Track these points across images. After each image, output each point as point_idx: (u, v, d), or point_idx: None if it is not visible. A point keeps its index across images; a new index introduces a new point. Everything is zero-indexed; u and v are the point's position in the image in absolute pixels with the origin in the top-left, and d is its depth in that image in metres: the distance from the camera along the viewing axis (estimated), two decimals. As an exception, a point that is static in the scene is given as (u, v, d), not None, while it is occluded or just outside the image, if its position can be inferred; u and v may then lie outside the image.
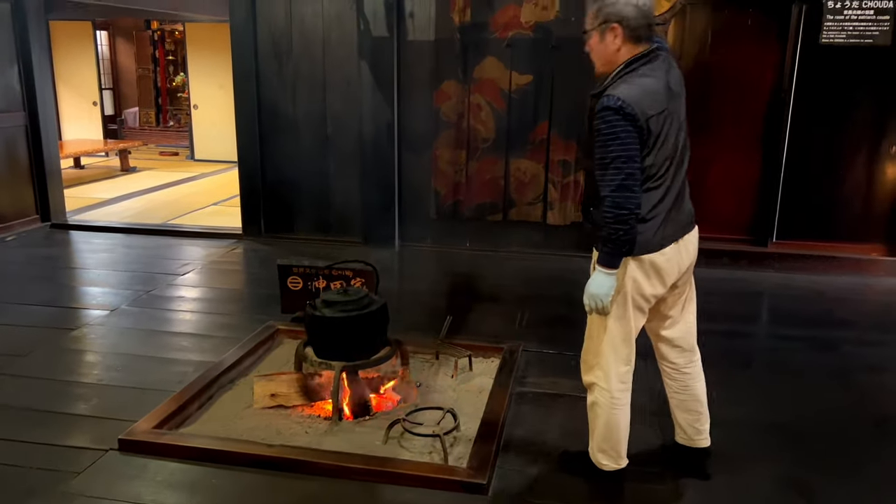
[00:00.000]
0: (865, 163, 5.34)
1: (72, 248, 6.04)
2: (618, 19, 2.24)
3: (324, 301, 3.13)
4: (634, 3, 2.24)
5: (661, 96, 2.25)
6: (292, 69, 5.97)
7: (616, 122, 2.16)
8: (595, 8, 2.29)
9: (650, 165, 2.27)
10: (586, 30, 2.34)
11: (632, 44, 2.27)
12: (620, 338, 2.44)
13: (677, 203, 2.41)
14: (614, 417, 2.50)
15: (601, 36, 2.29)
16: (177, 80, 13.69)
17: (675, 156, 2.33)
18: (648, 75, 2.25)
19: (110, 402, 3.23)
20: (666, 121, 2.25)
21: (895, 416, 3.27)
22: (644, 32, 2.27)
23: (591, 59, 2.38)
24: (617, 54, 2.29)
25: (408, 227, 6.04)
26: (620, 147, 2.18)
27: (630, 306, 2.40)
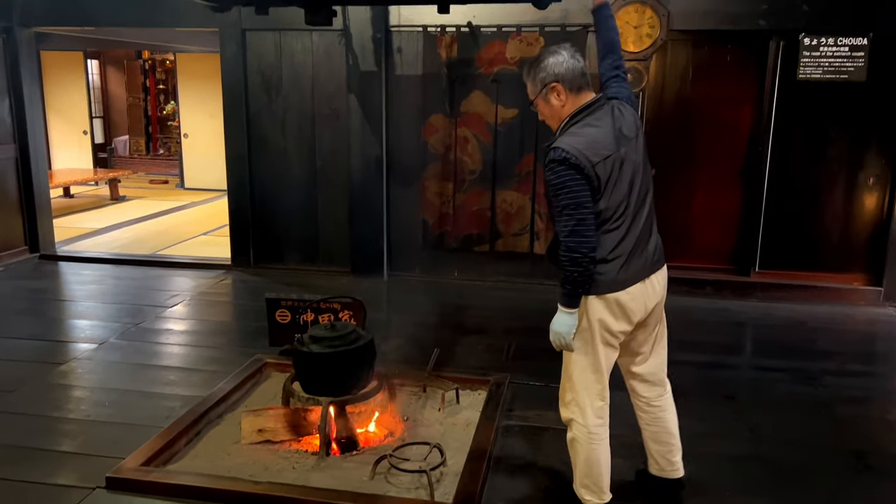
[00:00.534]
0: (844, 194, 5.46)
1: (60, 280, 6.05)
2: (554, 79, 2.38)
3: (311, 336, 3.17)
4: (563, 59, 2.39)
5: (607, 142, 2.34)
6: (282, 102, 6.05)
7: (563, 172, 2.28)
8: (531, 78, 2.46)
9: (605, 209, 2.35)
10: (531, 100, 2.49)
11: (574, 95, 2.40)
12: (592, 374, 2.51)
13: (641, 243, 2.47)
14: (594, 453, 2.55)
15: (545, 99, 2.44)
16: (167, 109, 13.77)
17: (630, 197, 2.40)
18: (592, 125, 2.37)
19: (98, 438, 3.24)
20: (615, 165, 2.34)
21: (876, 448, 3.32)
22: (582, 81, 2.41)
23: (548, 125, 2.52)
24: (563, 110, 2.43)
25: (396, 257, 6.10)
26: (569, 195, 2.28)
27: (598, 343, 2.48)
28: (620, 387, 3.86)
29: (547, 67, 2.39)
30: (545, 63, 2.40)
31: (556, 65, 2.38)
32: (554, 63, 2.38)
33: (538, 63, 2.43)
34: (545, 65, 2.40)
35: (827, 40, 5.16)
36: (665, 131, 5.57)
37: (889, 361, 4.64)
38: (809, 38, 5.18)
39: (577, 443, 2.56)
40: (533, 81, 2.45)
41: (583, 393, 2.52)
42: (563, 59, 2.38)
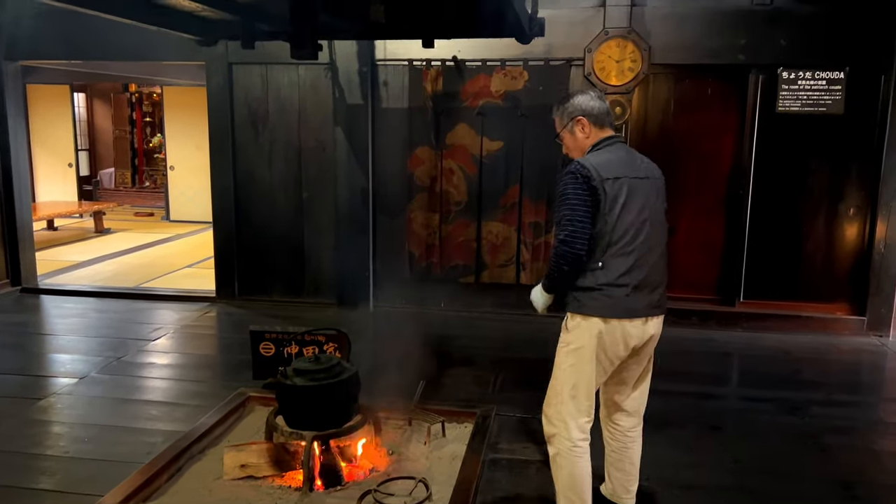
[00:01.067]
0: (825, 225, 5.53)
1: (42, 314, 5.98)
2: (581, 113, 2.61)
3: (295, 369, 3.14)
4: (589, 98, 2.63)
5: (620, 166, 2.52)
6: (268, 134, 6.07)
7: (570, 184, 2.47)
8: (559, 113, 2.68)
9: (613, 230, 2.46)
10: (558, 133, 2.71)
11: (598, 130, 2.63)
12: (582, 390, 2.57)
13: (650, 282, 2.57)
14: (577, 467, 2.58)
15: (571, 132, 2.66)
16: (154, 141, 13.78)
17: (642, 229, 2.51)
18: (610, 151, 2.59)
19: (76, 475, 3.17)
20: (623, 187, 2.48)
21: (863, 478, 3.31)
22: (606, 118, 2.64)
23: (571, 156, 2.68)
24: (587, 141, 2.64)
25: (382, 288, 6.08)
26: (569, 209, 2.46)
27: (594, 363, 2.54)
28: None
29: (575, 103, 2.63)
30: (574, 100, 2.64)
31: (583, 101, 2.62)
32: (582, 100, 2.62)
33: (567, 99, 2.66)
34: (574, 101, 2.63)
35: (805, 74, 5.27)
36: (648, 163, 5.62)
37: (874, 391, 4.65)
38: (787, 72, 5.29)
39: (560, 457, 2.60)
40: (561, 116, 2.67)
41: (571, 408, 2.57)
42: (590, 97, 2.63)
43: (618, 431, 2.81)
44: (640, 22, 5.35)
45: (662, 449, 3.55)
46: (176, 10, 3.42)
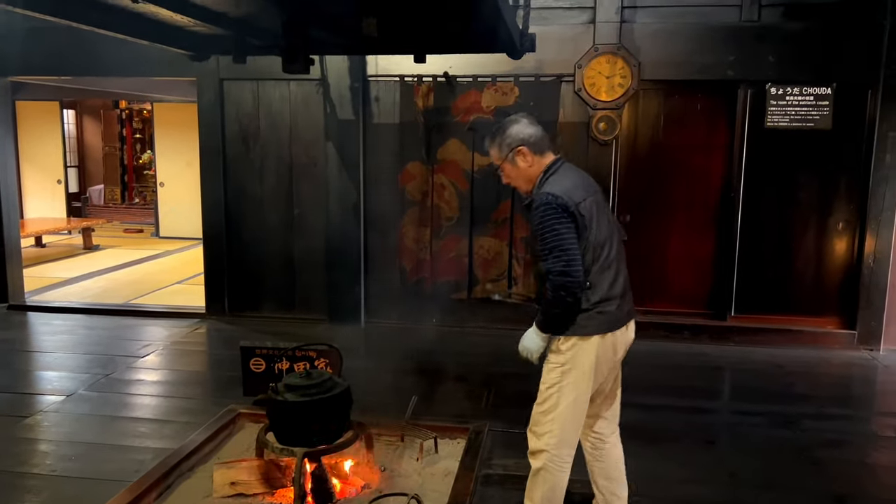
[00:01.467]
0: (815, 239, 5.56)
1: (29, 331, 5.91)
2: (520, 142, 2.57)
3: (286, 385, 3.10)
4: (525, 125, 2.60)
5: (581, 186, 2.57)
6: (259, 150, 6.07)
7: (550, 215, 2.44)
8: (496, 145, 2.63)
9: (596, 246, 2.52)
10: (498, 165, 2.66)
11: (539, 157, 2.60)
12: (580, 406, 2.61)
13: (628, 289, 2.66)
14: (561, 481, 2.62)
15: (512, 163, 2.61)
16: (143, 158, 13.74)
17: (612, 240, 2.58)
18: (567, 175, 2.60)
19: (62, 494, 3.12)
20: (593, 206, 2.54)
21: (857, 491, 3.31)
22: (544, 144, 2.62)
23: (514, 186, 2.69)
24: (531, 170, 2.61)
25: (373, 304, 6.06)
26: (556, 237, 2.44)
27: (593, 379, 2.59)
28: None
29: (512, 133, 2.58)
30: (510, 130, 2.59)
31: (520, 130, 2.58)
32: (518, 129, 2.58)
33: (502, 130, 2.61)
34: (510, 131, 2.59)
35: (793, 90, 5.32)
36: (638, 178, 5.66)
37: (866, 405, 4.65)
38: (776, 88, 5.34)
39: (545, 472, 2.62)
40: (499, 148, 2.62)
41: (566, 424, 2.59)
42: (525, 124, 2.60)
43: (599, 440, 2.85)
44: (629, 38, 5.40)
45: (656, 463, 3.53)
46: (168, 25, 3.43)
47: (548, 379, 2.63)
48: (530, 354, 2.64)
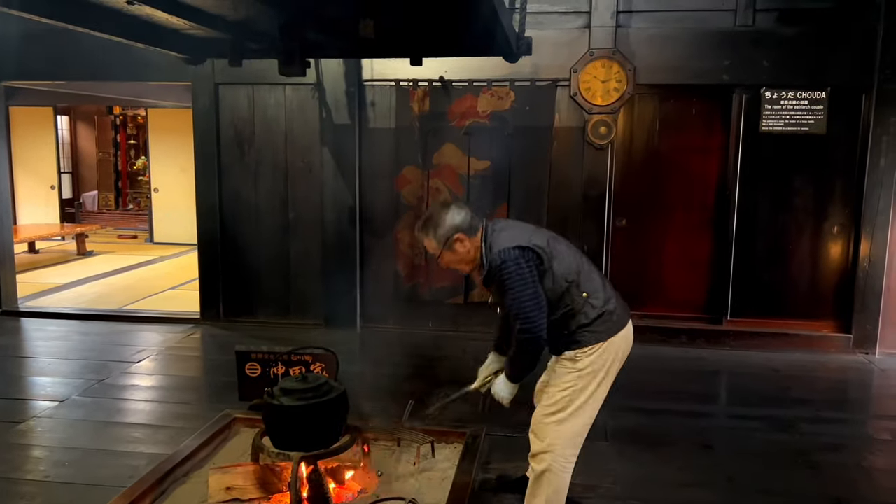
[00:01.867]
0: (810, 243, 5.57)
1: (22, 337, 5.87)
2: (455, 231, 2.61)
3: (282, 389, 3.08)
4: (454, 212, 2.62)
5: (525, 229, 2.69)
6: (255, 155, 6.05)
7: (510, 270, 2.51)
8: (431, 238, 2.65)
9: (569, 263, 2.62)
10: (437, 255, 2.68)
11: (474, 237, 2.64)
12: (591, 409, 2.68)
13: (615, 291, 2.78)
14: (564, 482, 2.67)
15: (451, 250, 2.65)
16: (138, 164, 13.69)
17: (577, 253, 2.72)
18: (505, 228, 2.67)
19: (56, 500, 3.09)
20: (546, 235, 2.66)
21: (856, 495, 3.30)
22: (474, 222, 2.65)
23: (453, 268, 2.74)
24: (470, 254, 2.66)
25: (370, 309, 6.04)
26: (525, 287, 2.51)
27: (607, 382, 2.69)
28: (598, 436, 3.83)
29: (445, 224, 2.61)
30: (442, 221, 2.61)
31: (452, 219, 2.61)
32: (450, 219, 2.61)
33: (434, 224, 2.63)
34: (443, 223, 2.61)
35: (787, 94, 5.34)
36: (634, 182, 5.66)
37: (862, 408, 4.66)
38: (770, 92, 5.36)
39: (551, 473, 2.64)
40: (436, 240, 2.64)
41: (575, 426, 2.64)
42: (454, 211, 2.62)
43: None
44: (624, 43, 5.41)
45: (654, 468, 3.52)
46: (163, 28, 3.41)
47: (562, 383, 2.67)
48: (502, 400, 2.79)
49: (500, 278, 2.53)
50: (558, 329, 2.64)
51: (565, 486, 2.67)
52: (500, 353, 3.01)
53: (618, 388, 2.79)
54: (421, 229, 2.68)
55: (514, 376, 2.73)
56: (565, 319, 2.63)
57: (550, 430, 2.63)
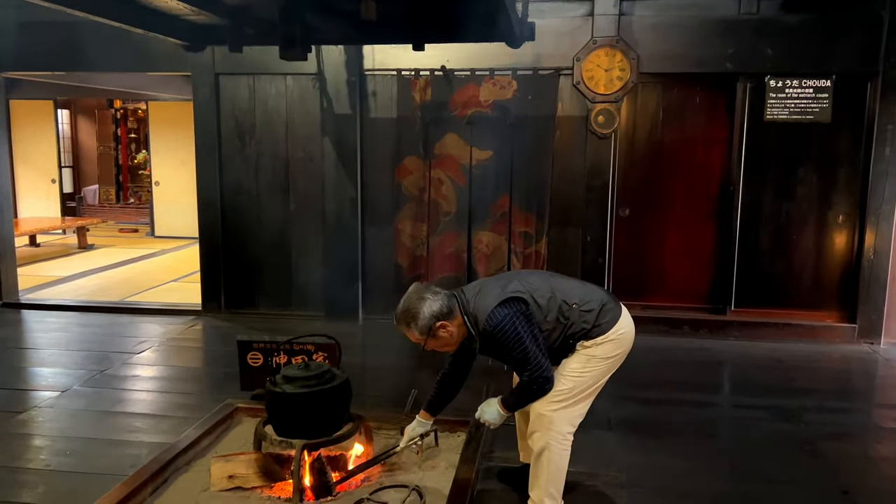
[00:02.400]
0: (815, 233, 5.53)
1: (23, 328, 5.85)
2: (435, 319, 2.62)
3: (284, 376, 3.06)
4: (429, 301, 2.63)
5: (496, 283, 2.74)
6: (255, 146, 6.02)
7: (507, 327, 2.56)
8: (413, 330, 2.65)
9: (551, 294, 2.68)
10: (422, 345, 2.69)
11: (453, 319, 2.66)
12: (590, 389, 2.73)
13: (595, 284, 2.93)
14: (563, 459, 2.70)
15: (434, 337, 2.66)
16: (139, 158, 13.66)
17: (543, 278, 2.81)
18: (478, 292, 2.70)
19: (57, 489, 3.07)
20: (516, 281, 2.72)
21: (862, 484, 3.27)
22: (451, 302, 2.67)
23: (441, 351, 2.77)
24: (453, 337, 2.69)
25: (371, 300, 6.01)
26: (522, 349, 2.57)
27: (613, 370, 2.76)
28: (601, 426, 3.81)
29: (423, 315, 2.61)
30: (420, 313, 2.61)
31: (428, 309, 2.61)
32: (427, 309, 2.61)
33: (411, 315, 2.62)
34: (420, 315, 2.61)
35: (792, 82, 5.30)
36: (637, 171, 5.63)
37: (868, 398, 4.63)
38: (775, 81, 5.31)
39: (549, 451, 2.67)
40: (419, 332, 2.64)
41: (576, 405, 2.68)
42: (429, 301, 2.62)
43: None
44: (627, 31, 5.37)
45: (658, 456, 3.50)
46: (163, 14, 3.38)
47: (569, 369, 2.70)
48: (490, 422, 2.80)
49: (500, 342, 2.58)
50: (564, 344, 2.71)
51: (565, 464, 2.70)
52: (432, 413, 3.04)
53: (620, 379, 2.80)
54: (400, 322, 2.68)
55: (514, 408, 2.79)
56: (569, 335, 2.69)
57: (552, 408, 2.66)
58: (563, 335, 2.68)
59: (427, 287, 2.72)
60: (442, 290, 2.71)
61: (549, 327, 2.66)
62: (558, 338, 2.68)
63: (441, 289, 2.72)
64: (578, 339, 2.68)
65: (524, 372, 2.61)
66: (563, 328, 2.67)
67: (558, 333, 2.67)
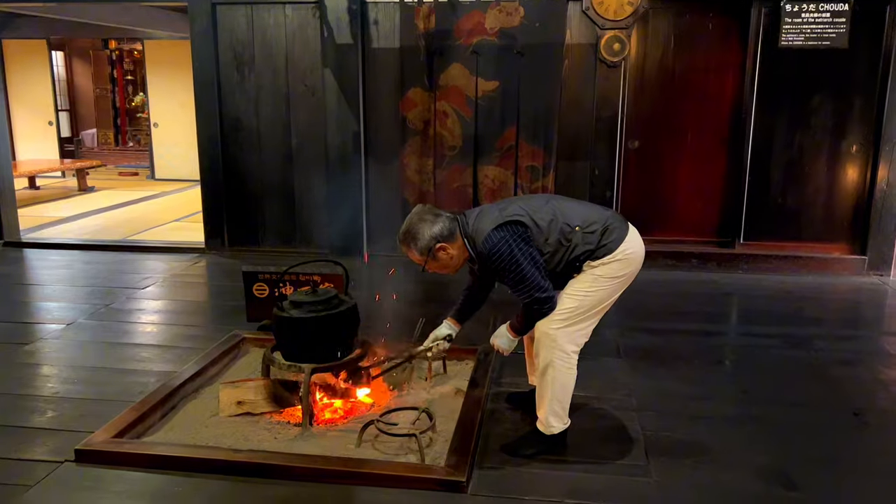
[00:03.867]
0: (828, 163, 5.43)
1: (26, 266, 5.81)
2: (435, 240, 2.63)
3: (291, 302, 3.03)
4: (430, 222, 2.64)
5: (495, 206, 2.71)
6: (255, 80, 5.87)
7: (503, 249, 2.54)
8: (414, 251, 2.68)
9: (552, 216, 2.62)
10: (423, 266, 2.71)
11: (454, 242, 2.66)
12: (597, 319, 2.71)
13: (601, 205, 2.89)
14: (568, 377, 2.68)
15: (435, 259, 2.67)
16: (136, 101, 13.45)
17: (545, 200, 2.76)
18: (478, 215, 2.68)
19: (67, 414, 3.06)
20: (517, 205, 2.69)
21: (870, 406, 3.26)
22: (452, 225, 2.66)
23: (443, 273, 2.76)
24: (453, 259, 2.69)
25: (376, 237, 5.95)
26: (516, 271, 2.54)
27: (620, 290, 2.70)
28: (610, 353, 3.80)
29: (424, 236, 2.63)
30: (419, 234, 2.63)
31: (429, 230, 2.63)
32: (426, 231, 2.63)
33: (412, 235, 2.65)
34: (420, 236, 2.63)
35: (808, 6, 5.12)
36: (647, 101, 5.50)
37: (876, 326, 4.61)
38: (791, 5, 5.13)
39: (552, 369, 2.64)
40: (419, 252, 2.66)
41: (579, 324, 2.64)
42: (429, 223, 2.64)
43: None
44: (639, -46, 5.16)
45: (668, 382, 3.49)
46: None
47: (574, 288, 2.65)
48: (502, 349, 2.83)
49: (496, 264, 2.57)
50: (570, 266, 2.66)
51: (569, 382, 2.67)
52: (459, 320, 3.07)
53: (628, 310, 2.77)
54: (402, 242, 2.70)
55: (521, 331, 2.78)
56: (573, 257, 2.63)
57: (557, 326, 2.63)
58: (567, 258, 2.63)
59: (430, 209, 2.71)
60: (444, 212, 2.71)
61: (551, 250, 2.61)
62: (561, 260, 2.63)
63: (444, 211, 2.72)
64: (584, 259, 2.63)
65: (523, 294, 2.60)
66: (566, 250, 2.61)
67: (561, 256, 2.63)
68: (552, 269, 2.64)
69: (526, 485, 2.52)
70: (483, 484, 2.52)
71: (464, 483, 2.47)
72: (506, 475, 2.59)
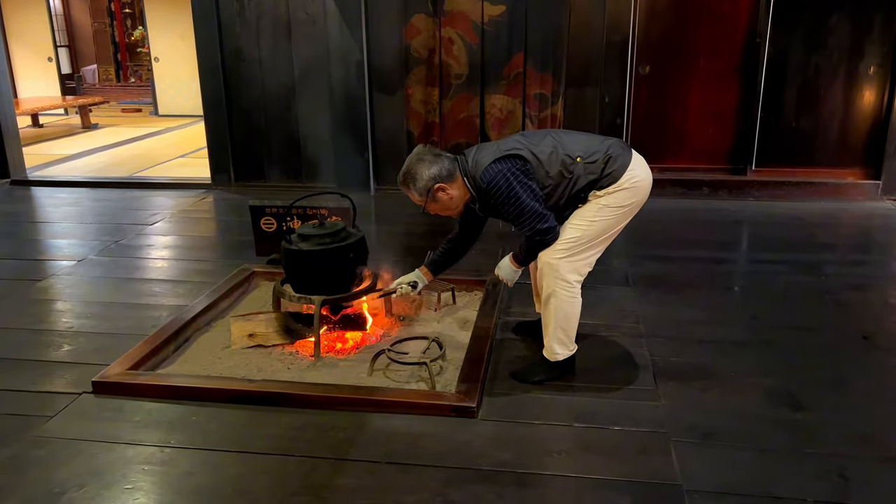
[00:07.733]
0: (844, 86, 5.29)
1: (34, 204, 5.82)
2: (435, 181, 2.59)
3: (300, 235, 3.02)
4: (428, 162, 2.60)
5: (494, 142, 2.70)
6: (255, 8, 5.72)
7: (501, 183, 2.52)
8: (413, 191, 2.65)
9: (552, 148, 2.58)
10: (423, 207, 2.69)
11: (453, 182, 2.63)
12: (601, 248, 2.68)
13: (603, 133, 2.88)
14: (572, 307, 2.67)
15: (435, 200, 2.64)
16: (136, 35, 13.19)
17: (544, 133, 2.75)
18: (476, 151, 2.66)
19: (82, 347, 3.11)
20: (517, 138, 2.66)
21: (880, 330, 3.26)
22: (451, 165, 2.62)
23: (444, 215, 2.75)
24: (453, 199, 2.65)
25: (383, 170, 5.89)
26: (515, 204, 2.53)
27: (624, 218, 2.66)
28: (619, 282, 3.80)
29: (423, 177, 2.59)
30: (419, 174, 2.60)
31: (428, 171, 2.59)
32: (425, 171, 2.59)
33: (411, 176, 2.61)
34: (420, 177, 2.59)
35: (829, -81, 4.89)
36: (659, 24, 5.33)
37: (888, 251, 4.57)
38: (811, -82, 4.91)
39: (555, 299, 2.64)
40: (417, 192, 2.64)
41: (582, 253, 2.62)
42: (428, 163, 2.60)
43: None
44: None
45: (677, 308, 3.50)
46: None
47: (579, 218, 2.62)
48: (506, 279, 2.84)
49: (495, 198, 2.54)
50: (575, 198, 2.62)
51: (573, 310, 2.66)
52: (433, 272, 3.02)
53: (637, 239, 2.73)
54: (402, 183, 2.68)
55: (524, 262, 2.77)
56: (577, 190, 2.59)
57: (560, 255, 2.61)
58: (570, 191, 2.59)
59: (429, 149, 2.68)
60: (445, 153, 2.68)
61: (553, 183, 2.58)
62: (563, 193, 2.60)
63: (444, 151, 2.68)
64: (588, 190, 2.59)
65: (524, 227, 2.58)
66: (569, 182, 2.57)
67: (563, 189, 2.59)
68: (555, 203, 2.61)
69: (535, 410, 2.56)
70: (493, 409, 2.56)
71: (474, 408, 2.50)
72: (515, 401, 2.63)
